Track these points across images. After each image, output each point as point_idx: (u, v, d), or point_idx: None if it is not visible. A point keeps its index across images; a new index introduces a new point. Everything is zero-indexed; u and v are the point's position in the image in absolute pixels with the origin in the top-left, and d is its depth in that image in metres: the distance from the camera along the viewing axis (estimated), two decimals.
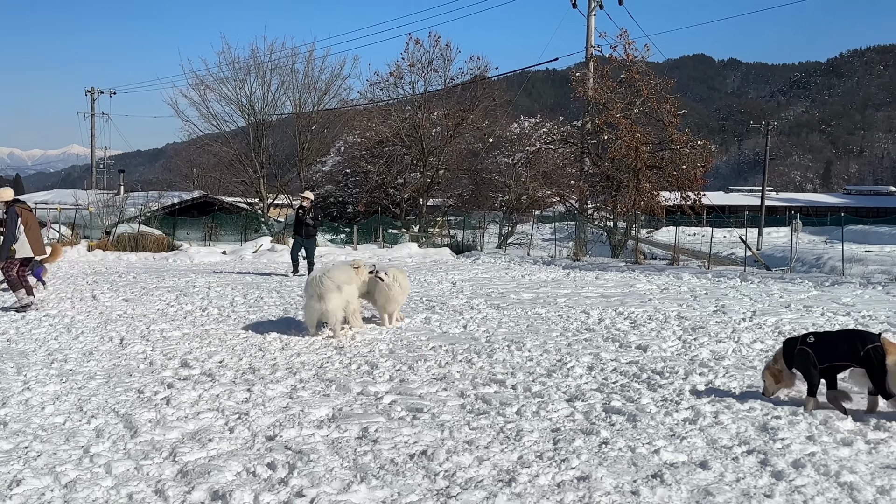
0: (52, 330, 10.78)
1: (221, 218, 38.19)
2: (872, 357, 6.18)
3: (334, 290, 10.12)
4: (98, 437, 5.80)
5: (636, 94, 30.08)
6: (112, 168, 76.48)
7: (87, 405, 6.66)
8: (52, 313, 12.43)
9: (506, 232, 39.01)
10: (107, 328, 10.94)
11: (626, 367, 8.21)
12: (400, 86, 42.07)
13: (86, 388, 7.30)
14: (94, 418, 6.25)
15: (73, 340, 9.94)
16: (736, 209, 76.63)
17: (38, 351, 9.23)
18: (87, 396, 6.96)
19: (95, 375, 7.85)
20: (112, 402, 6.76)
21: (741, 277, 18.60)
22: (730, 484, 4.83)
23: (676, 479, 4.86)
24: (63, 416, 6.32)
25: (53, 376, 7.77)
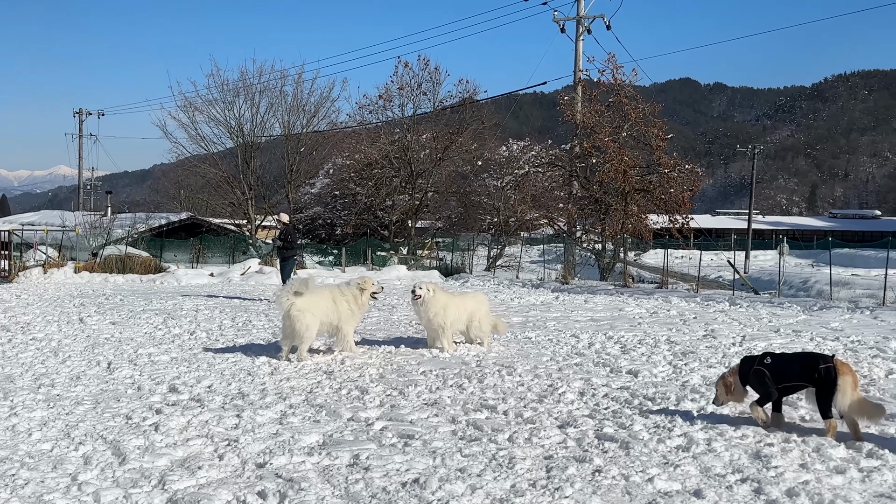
0: (38, 354, 10.68)
1: (209, 240, 38.04)
2: (825, 377, 6.29)
3: (298, 307, 10.11)
4: (86, 464, 5.72)
5: (624, 117, 30.27)
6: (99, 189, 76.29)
7: (75, 431, 6.58)
8: (39, 337, 12.32)
9: (494, 254, 39.04)
10: (94, 352, 10.85)
11: (618, 392, 8.20)
12: (389, 108, 42.27)
13: (73, 413, 7.22)
14: (81, 445, 6.18)
15: (61, 364, 9.85)
16: (723, 232, 77.09)
17: (25, 375, 9.14)
18: (75, 422, 6.88)
19: (83, 401, 7.76)
20: (100, 428, 6.68)
21: (730, 301, 18.65)
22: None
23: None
24: (50, 443, 6.24)
25: (40, 401, 7.68)
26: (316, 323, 10.26)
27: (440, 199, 43.87)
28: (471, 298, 11.42)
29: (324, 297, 10.54)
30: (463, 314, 11.05)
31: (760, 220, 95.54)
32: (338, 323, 10.54)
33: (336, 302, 10.54)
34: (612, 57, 31.29)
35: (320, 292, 10.71)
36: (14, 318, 14.83)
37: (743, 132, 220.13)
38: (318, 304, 10.36)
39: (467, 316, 11.09)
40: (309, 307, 10.22)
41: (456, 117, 42.10)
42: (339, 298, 10.60)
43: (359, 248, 36.58)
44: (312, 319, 10.18)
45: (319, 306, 10.34)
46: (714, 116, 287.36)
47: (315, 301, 10.35)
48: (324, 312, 10.39)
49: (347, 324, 10.62)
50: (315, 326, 10.26)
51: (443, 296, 11.01)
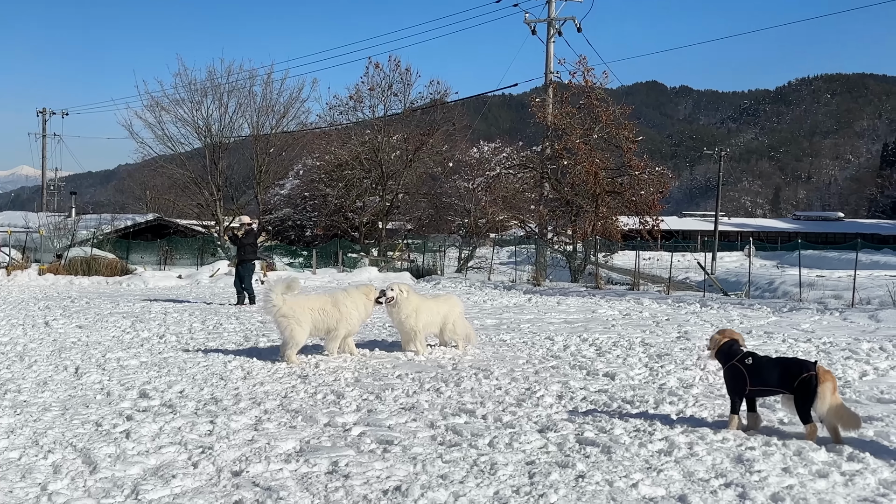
0: (3, 358, 10.41)
1: (177, 241, 37.62)
2: (806, 386, 6.27)
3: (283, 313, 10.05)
4: (56, 473, 5.54)
5: (595, 119, 30.40)
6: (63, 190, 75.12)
7: (44, 439, 6.39)
8: (4, 341, 12.04)
9: (465, 256, 39.00)
10: (61, 356, 10.60)
11: (596, 395, 8.15)
12: (359, 109, 42.15)
13: (41, 420, 7.02)
14: (50, 453, 5.99)
15: (27, 370, 9.60)
16: (689, 234, 77.75)
17: None
18: (43, 430, 6.68)
19: (51, 407, 7.55)
20: (69, 436, 6.49)
21: (701, 303, 18.74)
22: None
23: None
24: (18, 451, 6.04)
25: (7, 408, 7.46)
26: (303, 329, 10.14)
27: (411, 201, 43.78)
28: (444, 301, 11.33)
29: (318, 302, 10.42)
30: (436, 317, 10.95)
31: (726, 221, 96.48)
32: (335, 326, 10.43)
33: (338, 306, 10.41)
34: (583, 59, 31.43)
35: (315, 297, 10.61)
36: None
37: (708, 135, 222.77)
38: (308, 309, 10.23)
39: (441, 319, 11.00)
40: (295, 313, 10.11)
41: (427, 118, 42.06)
42: (344, 302, 10.48)
43: (329, 249, 36.36)
44: (298, 326, 10.08)
45: (308, 312, 10.22)
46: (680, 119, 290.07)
47: (305, 307, 10.23)
48: (317, 318, 10.28)
49: (343, 327, 10.49)
50: (302, 333, 10.16)
51: (415, 298, 10.91)
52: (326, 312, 10.37)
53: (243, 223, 19.34)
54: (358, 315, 10.65)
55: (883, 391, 8.36)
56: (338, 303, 10.48)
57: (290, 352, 10.12)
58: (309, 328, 10.28)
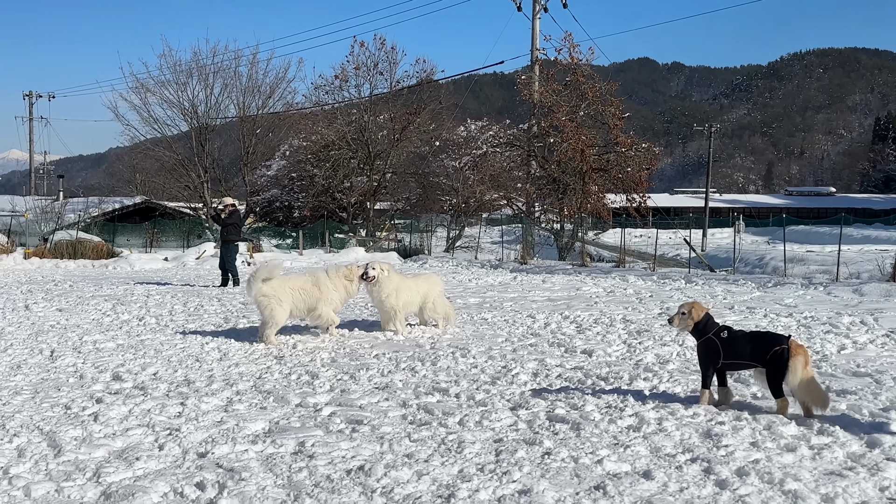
0: None
1: (164, 224, 37.47)
2: (777, 359, 6.26)
3: (263, 292, 10.04)
4: (19, 456, 5.49)
5: (581, 97, 30.28)
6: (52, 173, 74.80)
7: (11, 423, 6.33)
8: None
9: (454, 235, 38.93)
10: (37, 340, 10.53)
11: (571, 372, 8.12)
12: (345, 89, 41.90)
13: (10, 404, 6.96)
14: (16, 437, 5.93)
15: (1, 353, 9.53)
16: (681, 211, 77.74)
17: None
18: (11, 413, 6.63)
19: (22, 390, 7.49)
20: (37, 419, 6.44)
21: (686, 279, 18.73)
22: (673, 494, 4.73)
23: (619, 490, 4.75)
24: None
25: None
26: (283, 309, 10.10)
27: (398, 181, 43.65)
28: (424, 280, 11.27)
29: (299, 282, 10.36)
30: (416, 296, 10.90)
31: (717, 198, 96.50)
32: (317, 305, 10.38)
33: (319, 286, 10.36)
34: (569, 35, 31.28)
35: (296, 278, 10.56)
36: None
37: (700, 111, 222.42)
38: (289, 289, 10.19)
39: (421, 298, 10.95)
40: (275, 293, 10.06)
41: (413, 97, 41.84)
42: (325, 282, 10.43)
43: (317, 230, 36.27)
44: (278, 306, 10.05)
45: (289, 292, 10.17)
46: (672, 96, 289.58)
47: (285, 286, 10.19)
48: (297, 297, 10.24)
49: (326, 306, 10.44)
50: (282, 312, 10.13)
51: (396, 277, 10.85)
52: (306, 292, 10.32)
53: (226, 205, 19.17)
54: (339, 295, 10.60)
55: (859, 364, 8.35)
56: (318, 282, 10.44)
57: (269, 331, 10.08)
58: (289, 308, 10.23)
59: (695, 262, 24.94)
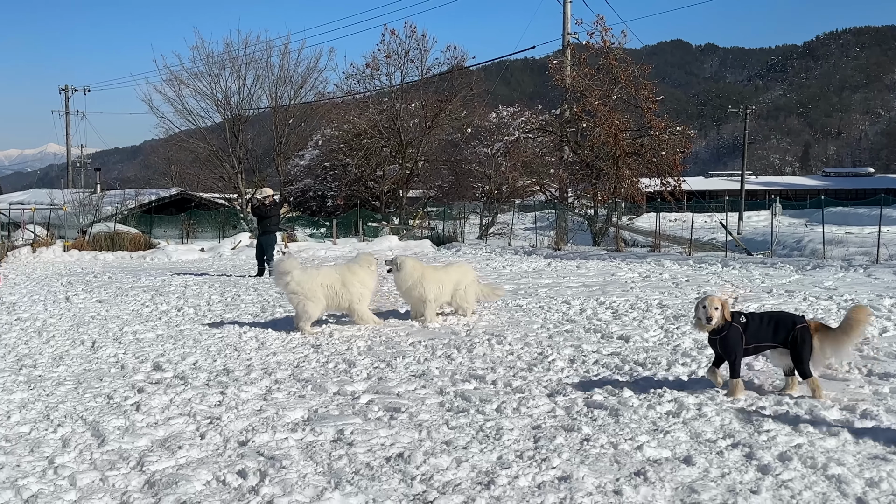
0: (22, 334, 10.52)
1: (199, 214, 37.80)
2: (798, 338, 6.22)
3: (293, 290, 10.10)
4: (64, 446, 5.58)
5: (614, 80, 30.03)
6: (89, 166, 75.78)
7: (55, 413, 6.44)
8: (24, 317, 12.16)
9: (486, 222, 38.86)
10: (79, 331, 10.70)
11: (608, 358, 8.08)
12: (377, 77, 41.91)
13: (54, 394, 7.08)
14: (60, 427, 6.04)
15: (44, 345, 9.70)
16: (716, 194, 76.83)
17: (7, 356, 8.99)
18: (55, 404, 6.74)
19: (65, 381, 7.62)
20: (80, 409, 6.54)
21: (722, 263, 18.55)
22: (715, 480, 4.69)
23: (660, 476, 4.72)
24: (29, 426, 6.10)
25: (21, 383, 7.54)
26: (315, 305, 10.16)
27: (431, 168, 43.63)
28: (454, 269, 11.24)
29: (329, 278, 10.39)
30: (447, 286, 10.88)
31: (753, 180, 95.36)
32: (349, 303, 10.42)
33: (346, 284, 10.40)
34: (601, 19, 31.19)
35: (326, 272, 10.59)
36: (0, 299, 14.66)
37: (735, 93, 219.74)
38: (320, 285, 10.21)
39: (451, 287, 10.93)
40: (304, 289, 10.10)
41: (444, 85, 41.74)
42: (350, 278, 10.47)
43: (350, 219, 36.39)
44: (309, 302, 10.10)
45: (320, 287, 10.20)
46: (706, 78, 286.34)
47: (317, 282, 10.21)
48: (329, 294, 10.29)
49: (361, 303, 10.50)
50: (314, 308, 10.17)
51: (418, 267, 10.84)
52: (336, 290, 10.34)
53: (267, 195, 19.27)
54: (368, 290, 10.65)
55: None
56: (347, 283, 10.42)
57: (303, 324, 10.14)
58: (322, 305, 10.26)
59: (731, 245, 24.68)
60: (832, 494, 4.45)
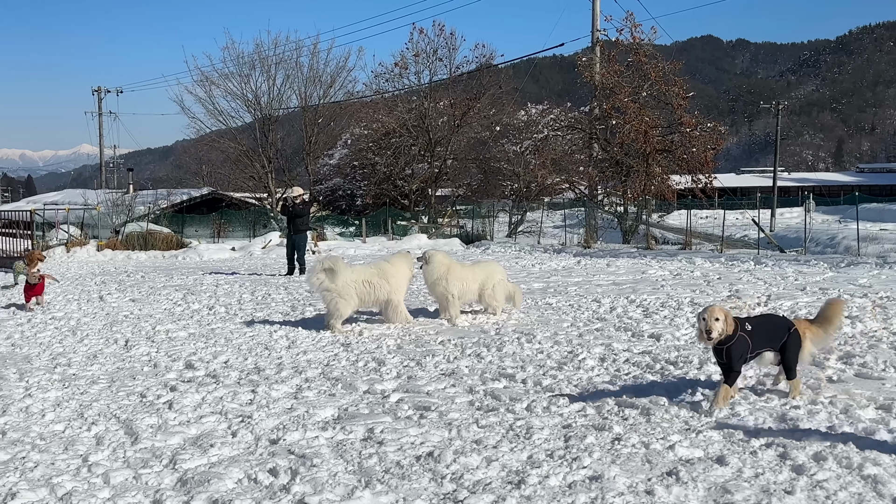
0: (57, 333, 10.66)
1: (230, 214, 38.08)
2: (792, 343, 6.21)
3: (326, 287, 10.11)
4: (98, 444, 5.65)
5: (644, 77, 29.81)
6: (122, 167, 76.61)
7: (89, 411, 6.52)
8: (59, 316, 12.33)
9: (516, 220, 38.78)
10: (112, 330, 10.82)
11: (639, 357, 8.02)
12: (405, 76, 41.99)
13: (88, 393, 7.16)
14: (94, 425, 6.11)
15: (78, 343, 9.82)
16: (747, 191, 76.02)
17: (42, 355, 9.11)
18: (89, 402, 6.82)
19: (98, 379, 7.71)
20: (114, 408, 6.61)
21: (755, 260, 18.35)
22: (748, 480, 4.64)
23: (693, 476, 4.67)
24: (63, 424, 6.18)
25: (56, 381, 7.64)
26: (347, 303, 10.18)
27: (459, 167, 43.61)
28: (482, 268, 11.22)
29: (364, 274, 10.43)
30: (472, 283, 10.85)
31: (786, 177, 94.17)
32: (388, 294, 10.44)
33: (387, 276, 10.44)
34: (631, 15, 30.83)
35: (361, 269, 10.62)
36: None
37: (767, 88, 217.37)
38: (353, 282, 10.24)
39: (477, 286, 10.90)
40: (337, 288, 10.12)
41: (473, 83, 41.72)
42: (390, 269, 10.53)
43: (379, 217, 36.46)
44: (342, 300, 10.12)
45: (353, 285, 10.22)
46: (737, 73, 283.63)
47: (350, 279, 10.23)
48: (362, 290, 10.29)
49: (398, 294, 10.54)
50: (346, 306, 10.19)
51: (445, 262, 10.84)
52: (373, 285, 10.34)
53: (298, 194, 19.24)
54: (406, 283, 10.70)
55: None
56: (386, 275, 10.45)
57: (334, 322, 10.17)
58: (355, 302, 10.28)
59: (763, 242, 24.40)
60: (868, 495, 4.38)
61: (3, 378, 7.86)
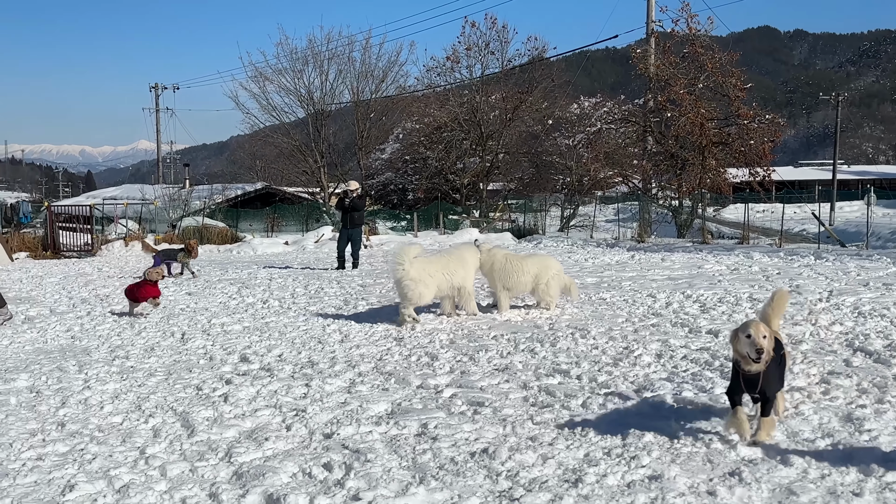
0: (115, 326, 10.84)
1: (283, 209, 38.45)
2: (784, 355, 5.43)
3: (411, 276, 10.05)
4: (155, 437, 5.70)
5: (700, 68, 29.27)
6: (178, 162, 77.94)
7: (146, 403, 6.59)
8: (117, 309, 12.54)
9: (568, 215, 38.48)
10: (169, 323, 10.96)
11: (697, 353, 7.84)
12: (457, 70, 41.91)
13: (145, 385, 7.25)
14: (151, 417, 6.17)
15: (136, 336, 9.96)
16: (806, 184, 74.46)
17: (101, 348, 9.27)
18: (146, 394, 6.90)
19: (156, 372, 7.80)
20: (170, 400, 6.68)
21: (815, 255, 17.91)
22: (814, 482, 4.49)
23: (756, 476, 4.54)
24: (121, 416, 6.25)
25: (114, 374, 7.75)
26: (430, 291, 10.17)
27: (511, 161, 43.40)
28: (535, 261, 11.07)
29: (441, 262, 10.46)
30: (524, 276, 10.72)
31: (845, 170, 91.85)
32: (462, 281, 10.48)
33: (463, 262, 10.52)
34: (687, 6, 30.22)
35: (437, 258, 10.64)
36: (94, 291, 15.17)
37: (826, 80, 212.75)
38: (434, 271, 10.23)
39: (530, 279, 10.77)
40: (422, 276, 10.09)
41: (525, 76, 41.46)
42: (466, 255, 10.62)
43: (430, 212, 36.48)
44: (425, 289, 10.09)
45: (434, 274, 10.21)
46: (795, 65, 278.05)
47: (430, 269, 10.22)
48: (441, 279, 10.28)
49: (469, 281, 10.59)
50: (429, 294, 10.19)
51: (499, 254, 10.85)
52: (452, 271, 10.33)
53: (353, 188, 19.16)
54: (474, 270, 10.76)
55: None
56: (464, 261, 10.48)
57: (406, 311, 10.05)
58: (434, 290, 10.25)
59: (823, 236, 23.84)
60: None
61: (63, 370, 8.00)
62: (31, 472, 4.99)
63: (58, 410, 6.46)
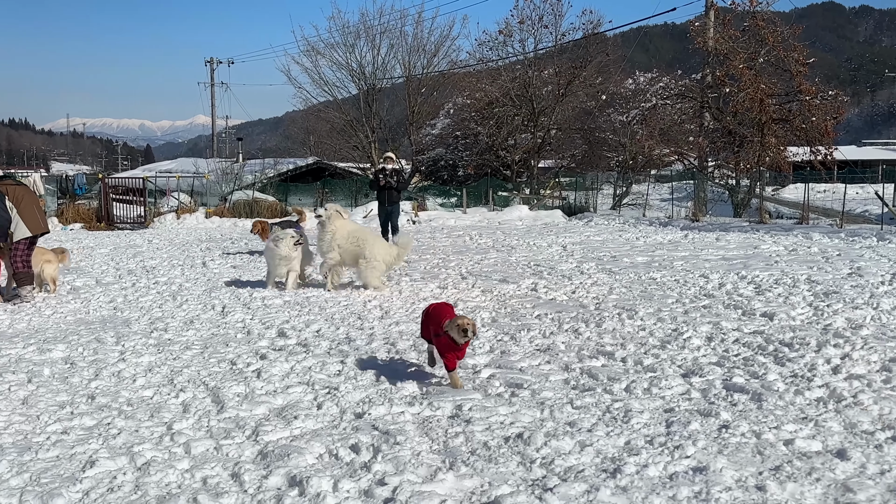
0: (158, 298, 10.81)
1: (333, 183, 38.41)
2: None
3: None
4: (184, 412, 5.57)
5: (760, 43, 28.37)
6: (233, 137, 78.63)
7: (179, 377, 6.48)
8: (162, 281, 12.55)
9: (620, 192, 37.81)
10: (211, 296, 10.90)
11: (750, 337, 7.48)
12: (509, 44, 41.22)
13: (180, 358, 7.14)
14: (182, 392, 6.05)
15: (177, 308, 9.91)
16: (870, 164, 72.24)
17: (142, 319, 9.22)
18: (180, 368, 6.79)
19: (192, 345, 7.70)
20: (203, 374, 6.55)
21: (878, 236, 17.23)
22: (873, 477, 4.16)
23: (809, 471, 4.22)
24: (152, 390, 6.14)
25: (151, 346, 7.66)
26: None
27: (563, 137, 42.72)
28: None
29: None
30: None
31: None
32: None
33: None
34: None
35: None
36: (142, 263, 15.24)
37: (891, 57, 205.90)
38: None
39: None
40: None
41: (579, 51, 40.63)
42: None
43: (480, 188, 36.12)
44: None
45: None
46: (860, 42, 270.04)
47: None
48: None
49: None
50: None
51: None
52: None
53: (389, 167, 18.43)
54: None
55: None
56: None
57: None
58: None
59: (887, 217, 22.99)
60: None
61: (100, 341, 7.94)
62: (54, 446, 4.89)
63: (90, 383, 6.37)
